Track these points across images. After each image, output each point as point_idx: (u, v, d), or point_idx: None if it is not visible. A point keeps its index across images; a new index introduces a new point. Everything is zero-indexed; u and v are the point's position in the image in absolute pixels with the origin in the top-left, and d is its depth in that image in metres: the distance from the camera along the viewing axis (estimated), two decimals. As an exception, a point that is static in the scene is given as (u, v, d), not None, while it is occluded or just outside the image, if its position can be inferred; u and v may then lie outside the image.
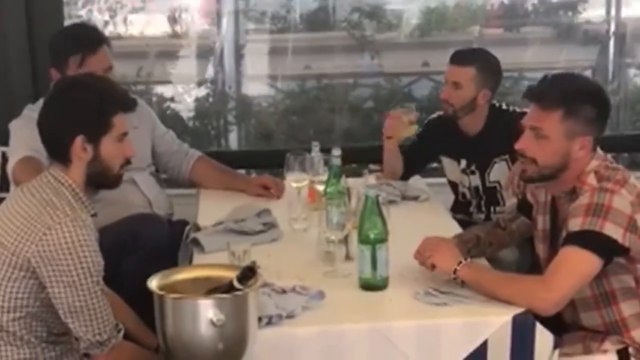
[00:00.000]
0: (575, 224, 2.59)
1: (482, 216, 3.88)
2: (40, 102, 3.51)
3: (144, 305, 2.43)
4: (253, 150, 5.69)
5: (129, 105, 2.76)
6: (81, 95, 2.67)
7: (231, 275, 2.30)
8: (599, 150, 2.76)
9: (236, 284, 2.23)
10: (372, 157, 4.23)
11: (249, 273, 2.24)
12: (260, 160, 5.18)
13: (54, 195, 2.59)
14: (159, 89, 5.67)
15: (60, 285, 2.51)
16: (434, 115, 3.96)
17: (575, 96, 2.69)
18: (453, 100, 3.72)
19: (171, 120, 5.57)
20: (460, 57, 3.77)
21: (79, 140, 2.63)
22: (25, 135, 3.34)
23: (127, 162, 2.76)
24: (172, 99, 5.67)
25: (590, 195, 2.62)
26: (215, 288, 2.29)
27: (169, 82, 5.66)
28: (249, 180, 3.94)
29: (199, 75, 5.75)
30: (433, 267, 2.73)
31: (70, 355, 2.67)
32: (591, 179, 2.67)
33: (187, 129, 5.66)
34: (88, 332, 2.54)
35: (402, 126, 3.85)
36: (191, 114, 5.71)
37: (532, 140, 2.73)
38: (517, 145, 2.78)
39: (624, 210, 2.58)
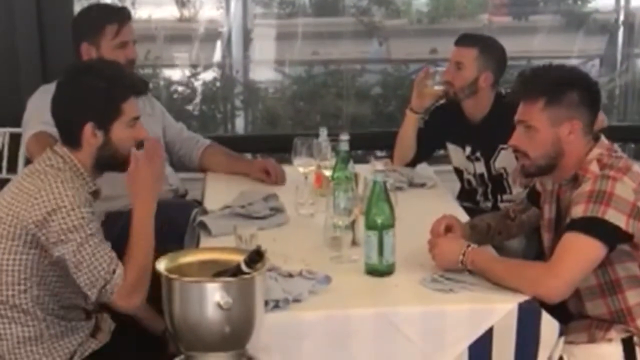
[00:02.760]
0: (577, 211, 2.60)
1: (489, 204, 3.88)
2: (54, 83, 3.59)
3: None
4: (259, 135, 5.70)
5: (139, 89, 2.77)
6: (90, 81, 2.69)
7: (238, 259, 2.30)
8: (603, 139, 2.77)
9: (244, 267, 2.23)
10: (379, 143, 4.24)
11: (256, 257, 2.24)
12: (266, 145, 5.19)
13: (50, 169, 2.63)
14: (167, 73, 5.66)
15: (59, 245, 2.54)
16: (440, 102, 3.96)
17: (554, 84, 2.72)
18: (455, 81, 3.74)
19: (178, 103, 5.58)
20: (465, 39, 3.82)
21: (89, 127, 2.65)
22: (39, 108, 3.39)
23: (141, 144, 2.75)
24: (179, 83, 5.67)
25: (592, 183, 2.62)
26: (222, 271, 2.29)
27: (176, 65, 5.65)
28: (252, 163, 4.00)
29: (206, 60, 5.75)
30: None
31: (75, 333, 2.68)
32: (594, 167, 2.67)
33: (193, 112, 5.67)
34: (88, 284, 2.56)
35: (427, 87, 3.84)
36: (198, 98, 5.70)
37: (522, 134, 2.77)
38: (510, 142, 2.84)
39: (627, 197, 2.58)
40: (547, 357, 2.57)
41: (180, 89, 5.67)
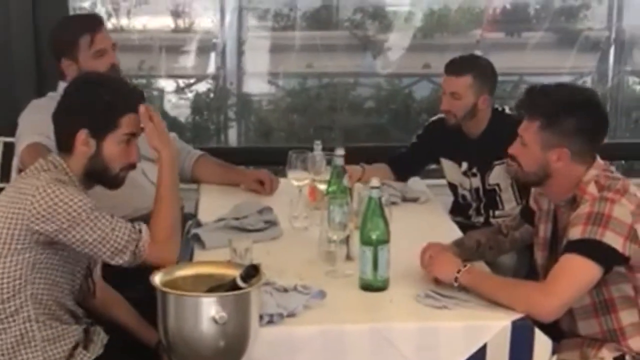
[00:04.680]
0: (575, 233, 2.61)
1: (482, 219, 3.90)
2: (48, 95, 3.60)
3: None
4: (252, 147, 5.69)
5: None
6: (93, 91, 2.73)
7: (234, 273, 2.31)
8: (599, 159, 2.78)
9: (239, 282, 2.24)
10: (373, 157, 4.23)
11: (252, 272, 2.25)
12: (259, 157, 5.21)
13: (42, 171, 2.65)
14: (160, 83, 5.66)
15: (70, 231, 2.55)
16: (435, 118, 3.98)
17: (555, 108, 2.72)
18: (454, 110, 3.76)
19: (171, 114, 5.58)
20: (455, 67, 3.79)
21: (82, 134, 2.68)
22: (32, 121, 3.41)
23: (131, 166, 2.78)
24: (173, 93, 5.67)
25: (590, 204, 2.64)
26: (218, 286, 2.30)
27: (170, 76, 5.65)
28: (245, 173, 3.99)
29: (200, 71, 5.75)
30: (435, 278, 2.76)
31: (66, 338, 2.67)
32: (592, 188, 2.68)
33: (186, 123, 5.67)
34: (117, 255, 2.62)
35: None
36: (191, 109, 5.70)
37: (518, 146, 2.80)
38: (509, 150, 2.86)
39: (624, 219, 2.60)
40: (539, 375, 2.59)
41: (173, 99, 5.67)
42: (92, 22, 3.64)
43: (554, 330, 2.68)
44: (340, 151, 3.24)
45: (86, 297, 2.85)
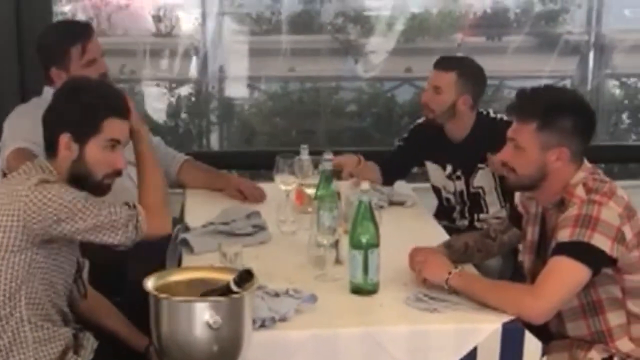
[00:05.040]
0: (564, 235, 2.63)
1: (466, 222, 3.92)
2: (33, 101, 3.58)
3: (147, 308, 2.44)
4: (235, 151, 5.70)
5: (122, 111, 2.76)
6: (77, 95, 2.73)
7: (226, 277, 2.30)
8: (586, 162, 2.80)
9: (233, 287, 2.24)
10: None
11: (246, 276, 2.25)
12: (242, 161, 5.20)
13: (30, 174, 2.64)
14: (142, 87, 5.66)
15: (69, 221, 2.56)
16: (420, 121, 3.99)
17: (550, 109, 2.73)
18: (433, 105, 3.78)
19: (153, 118, 5.58)
20: (443, 63, 3.83)
21: (64, 138, 2.67)
22: (19, 126, 3.39)
23: (117, 173, 2.77)
24: (154, 98, 5.67)
25: (579, 207, 2.66)
26: (211, 290, 2.29)
27: (152, 80, 5.64)
28: (229, 180, 3.96)
29: (182, 75, 5.75)
30: (425, 280, 2.77)
31: (57, 340, 2.67)
32: (579, 191, 2.71)
33: (168, 128, 5.66)
34: (118, 235, 2.65)
35: None
36: (173, 113, 5.70)
37: (511, 151, 2.80)
38: (499, 157, 2.85)
39: (612, 221, 2.62)
40: (530, 377, 2.61)
41: (155, 103, 5.66)
42: (84, 32, 3.60)
43: (543, 332, 2.69)
44: (328, 155, 3.25)
45: (75, 301, 2.84)
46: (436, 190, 4.00)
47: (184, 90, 5.73)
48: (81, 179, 2.70)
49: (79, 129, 2.67)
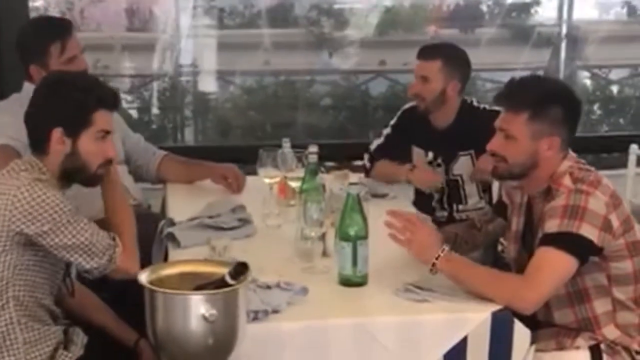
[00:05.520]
0: (552, 225, 2.65)
1: (445, 214, 3.94)
2: (13, 97, 3.55)
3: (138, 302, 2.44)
4: (210, 146, 5.68)
5: (111, 103, 2.77)
6: (64, 89, 2.72)
7: (219, 271, 2.31)
8: (571, 152, 2.84)
9: (229, 279, 2.25)
10: (333, 155, 4.26)
11: (241, 269, 2.25)
12: (217, 155, 5.18)
13: (20, 172, 2.64)
14: (116, 82, 5.62)
15: (49, 234, 2.55)
16: (407, 106, 4.01)
17: (541, 98, 2.76)
18: (424, 94, 3.80)
19: (127, 114, 5.55)
20: (427, 52, 3.86)
21: (57, 133, 2.67)
22: (3, 123, 3.36)
23: (108, 162, 2.77)
24: (128, 92, 5.64)
25: (566, 197, 2.68)
26: (206, 284, 2.30)
27: (126, 75, 5.62)
28: (212, 168, 3.94)
29: (156, 69, 5.73)
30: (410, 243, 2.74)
31: (48, 340, 2.66)
32: (566, 181, 2.74)
33: (142, 123, 5.64)
34: (93, 260, 2.64)
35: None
36: (148, 108, 5.68)
37: (501, 140, 2.82)
38: (489, 146, 2.87)
39: (599, 211, 2.65)
40: (519, 365, 2.64)
41: (129, 98, 5.64)
42: (64, 29, 3.59)
43: (529, 321, 2.71)
44: (313, 148, 3.26)
45: (63, 297, 2.83)
46: None
47: (158, 85, 5.71)
48: (75, 173, 2.70)
49: (70, 123, 2.67)
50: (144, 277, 2.29)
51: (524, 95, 2.77)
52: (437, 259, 2.70)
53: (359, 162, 4.19)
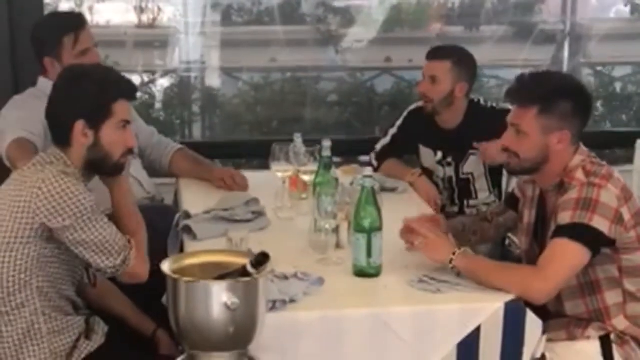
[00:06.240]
0: (565, 218, 2.70)
1: (456, 209, 3.99)
2: (28, 91, 3.60)
3: (155, 293, 2.49)
4: (217, 141, 5.73)
5: (130, 93, 2.83)
6: (83, 82, 2.76)
7: (240, 261, 2.36)
8: (582, 146, 2.89)
9: (250, 269, 2.29)
10: (340, 150, 4.30)
11: (262, 259, 2.30)
12: (224, 151, 5.23)
13: (46, 164, 2.69)
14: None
15: (70, 228, 2.60)
16: (413, 107, 4.06)
17: (550, 93, 2.81)
18: (432, 94, 3.84)
19: (136, 109, 5.58)
20: (436, 53, 3.91)
21: (79, 125, 2.71)
22: (17, 117, 3.41)
23: (129, 151, 2.83)
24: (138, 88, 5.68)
25: (579, 190, 2.73)
26: (227, 273, 2.35)
27: (134, 71, 5.66)
28: (212, 171, 3.96)
29: (164, 66, 5.77)
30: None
31: (70, 330, 2.72)
32: (579, 174, 2.78)
33: (151, 118, 5.68)
34: (108, 259, 2.67)
35: None
36: (156, 104, 5.73)
37: (513, 136, 2.86)
38: (501, 142, 2.92)
39: (611, 204, 2.70)
40: (530, 354, 2.69)
41: (138, 94, 5.67)
42: (77, 21, 3.65)
43: (541, 311, 2.77)
44: (327, 142, 3.30)
45: (85, 288, 2.89)
46: (428, 173, 4.04)
47: (167, 81, 5.75)
48: (98, 163, 2.75)
49: (92, 115, 2.72)
50: (166, 267, 2.34)
51: (533, 90, 2.82)
52: (454, 255, 2.75)
53: (365, 158, 4.23)
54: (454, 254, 2.76)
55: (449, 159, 3.94)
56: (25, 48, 3.78)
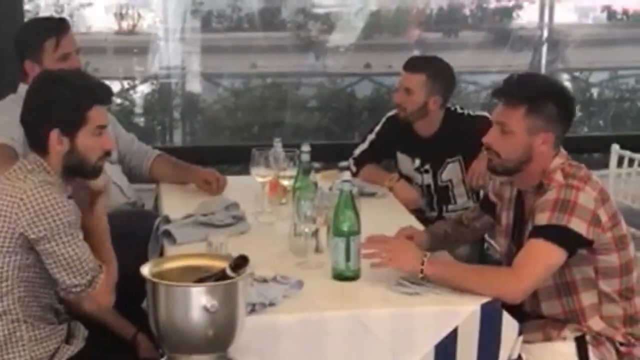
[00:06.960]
0: (542, 218, 2.74)
1: (435, 214, 4.02)
2: (9, 97, 3.60)
3: (135, 297, 2.50)
4: (198, 146, 5.75)
5: (105, 98, 2.82)
6: (57, 90, 2.73)
7: (219, 264, 2.37)
8: (562, 149, 2.92)
9: (229, 272, 2.31)
10: (319, 155, 4.32)
11: (241, 262, 2.32)
12: (205, 156, 5.24)
13: (28, 173, 2.68)
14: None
15: (44, 239, 2.60)
16: (391, 113, 4.08)
17: (539, 94, 2.85)
18: (406, 105, 3.88)
19: (116, 116, 5.59)
20: (413, 65, 3.94)
21: (54, 134, 2.71)
22: (0, 122, 3.39)
23: (107, 154, 2.84)
24: (117, 95, 5.69)
25: (557, 191, 2.77)
26: (207, 276, 2.36)
27: (115, 77, 5.67)
28: (195, 172, 3.99)
29: (145, 72, 5.78)
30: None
31: (53, 338, 2.73)
32: (558, 176, 2.82)
33: (132, 124, 5.70)
34: (75, 277, 2.65)
35: None
36: (137, 110, 5.74)
37: (497, 135, 2.89)
38: (485, 140, 2.94)
39: (588, 205, 2.74)
40: (507, 355, 2.72)
41: (118, 101, 5.69)
42: (59, 26, 3.66)
43: (518, 312, 2.80)
44: (306, 147, 3.34)
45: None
46: (407, 180, 4.07)
47: (147, 87, 5.77)
48: (75, 168, 2.76)
49: (67, 124, 2.71)
50: (146, 271, 2.36)
51: (522, 90, 2.84)
52: (422, 264, 2.76)
53: (344, 163, 4.26)
54: (422, 263, 2.75)
55: (427, 167, 3.98)
56: (5, 55, 3.79)
